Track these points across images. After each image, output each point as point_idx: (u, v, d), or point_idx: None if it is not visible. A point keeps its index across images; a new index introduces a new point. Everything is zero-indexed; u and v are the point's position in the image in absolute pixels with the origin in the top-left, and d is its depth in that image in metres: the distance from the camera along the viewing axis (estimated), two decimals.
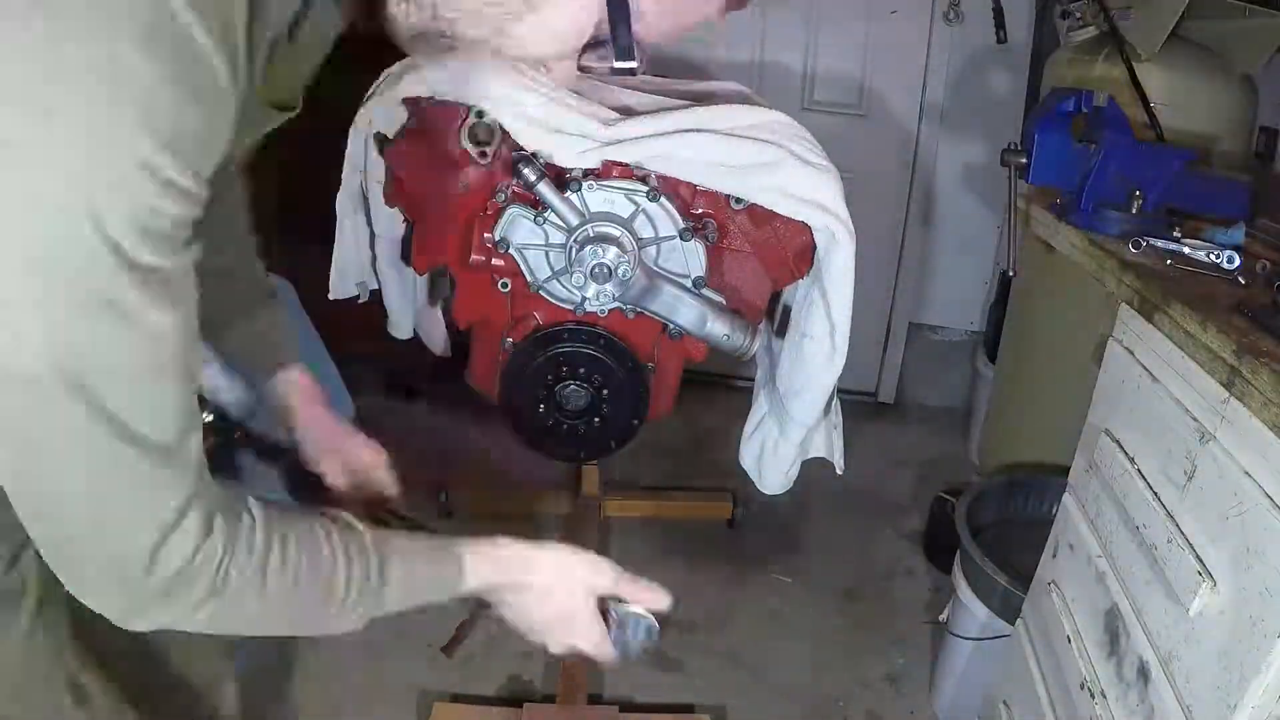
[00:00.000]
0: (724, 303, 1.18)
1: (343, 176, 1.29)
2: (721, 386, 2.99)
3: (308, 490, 1.03)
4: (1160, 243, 1.11)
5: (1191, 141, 1.55)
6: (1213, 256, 1.08)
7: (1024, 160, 1.30)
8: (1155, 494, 1.00)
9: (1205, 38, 1.84)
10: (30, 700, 0.84)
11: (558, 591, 0.86)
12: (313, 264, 1.47)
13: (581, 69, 0.64)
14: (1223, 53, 1.83)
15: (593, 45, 0.63)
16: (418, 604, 0.79)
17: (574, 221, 1.12)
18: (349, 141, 1.17)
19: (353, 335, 1.51)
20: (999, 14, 2.63)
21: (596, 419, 1.23)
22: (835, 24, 2.84)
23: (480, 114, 1.10)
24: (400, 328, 1.41)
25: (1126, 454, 1.08)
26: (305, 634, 0.79)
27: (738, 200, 1.15)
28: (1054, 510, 1.32)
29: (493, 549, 0.83)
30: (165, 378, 0.54)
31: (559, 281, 1.17)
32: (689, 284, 1.16)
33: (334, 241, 1.36)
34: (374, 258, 1.38)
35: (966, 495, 1.78)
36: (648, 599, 0.90)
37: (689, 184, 1.15)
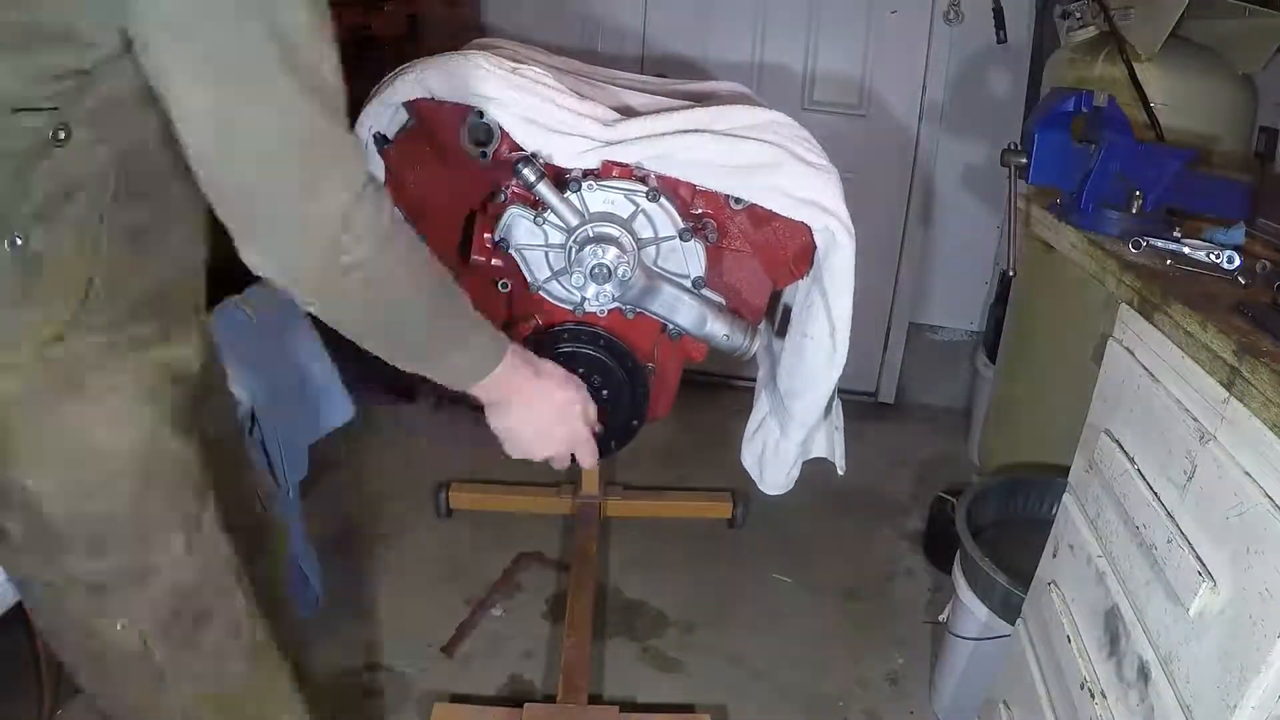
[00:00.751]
0: (723, 303, 1.18)
1: None
2: (722, 386, 2.99)
3: None
4: (1160, 243, 1.11)
5: (1191, 141, 1.55)
6: (1213, 256, 1.07)
7: (1024, 160, 1.30)
8: (1155, 494, 1.00)
9: (1205, 38, 1.84)
10: None
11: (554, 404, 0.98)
12: None
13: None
14: (1223, 53, 1.83)
15: None
16: (458, 363, 0.89)
17: (573, 222, 1.12)
18: None
19: None
20: (999, 14, 2.63)
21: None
22: (835, 24, 2.84)
23: (480, 114, 1.10)
24: None
25: (1126, 454, 1.08)
26: (407, 345, 0.85)
27: (737, 200, 1.15)
28: (1054, 510, 1.32)
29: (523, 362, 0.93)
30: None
31: (559, 282, 1.17)
32: (688, 284, 1.16)
33: None
34: None
35: (966, 495, 1.78)
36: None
37: (688, 184, 1.15)
